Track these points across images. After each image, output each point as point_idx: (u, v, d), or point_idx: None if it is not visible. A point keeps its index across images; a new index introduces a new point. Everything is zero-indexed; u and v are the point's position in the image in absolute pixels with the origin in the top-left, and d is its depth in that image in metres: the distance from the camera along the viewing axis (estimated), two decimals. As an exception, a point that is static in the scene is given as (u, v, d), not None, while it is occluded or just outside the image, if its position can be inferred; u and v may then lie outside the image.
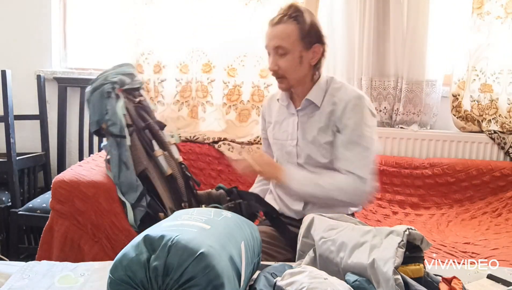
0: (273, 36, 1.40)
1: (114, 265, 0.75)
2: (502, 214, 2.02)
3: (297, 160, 1.50)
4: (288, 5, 1.41)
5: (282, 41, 1.38)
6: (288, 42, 1.38)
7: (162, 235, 0.75)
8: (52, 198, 1.48)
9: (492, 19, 2.18)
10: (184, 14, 2.23)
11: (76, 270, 1.06)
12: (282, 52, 1.39)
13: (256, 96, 2.30)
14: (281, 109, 1.57)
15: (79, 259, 1.42)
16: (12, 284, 0.98)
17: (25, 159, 2.21)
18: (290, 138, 1.51)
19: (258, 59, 2.26)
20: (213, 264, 0.73)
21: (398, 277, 0.81)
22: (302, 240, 1.11)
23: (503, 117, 2.24)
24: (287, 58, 1.40)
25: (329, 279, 0.80)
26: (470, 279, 1.08)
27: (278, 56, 1.40)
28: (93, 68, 2.43)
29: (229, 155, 2.18)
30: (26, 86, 2.41)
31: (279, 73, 1.42)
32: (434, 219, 2.02)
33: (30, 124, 2.41)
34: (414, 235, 0.90)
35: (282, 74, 1.42)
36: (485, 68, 2.24)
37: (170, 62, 2.29)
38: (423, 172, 2.13)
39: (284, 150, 1.53)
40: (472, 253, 1.63)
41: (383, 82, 2.24)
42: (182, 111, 2.34)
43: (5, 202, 2.12)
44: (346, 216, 1.14)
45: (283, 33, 1.38)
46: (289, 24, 1.38)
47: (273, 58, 1.41)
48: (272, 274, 0.94)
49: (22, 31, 2.42)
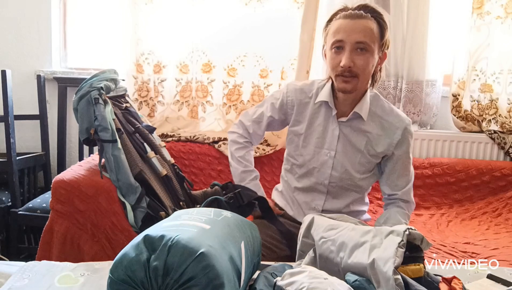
0: (357, 30, 1.28)
1: (114, 265, 0.75)
2: (502, 214, 2.02)
3: (331, 171, 1.44)
4: (363, 4, 1.32)
5: (365, 37, 1.28)
6: (370, 39, 1.29)
7: (162, 235, 0.75)
8: (52, 198, 1.48)
9: (492, 19, 2.18)
10: (184, 14, 2.23)
11: (76, 270, 1.06)
12: (362, 48, 1.29)
13: (256, 96, 2.30)
14: (318, 110, 1.46)
15: (79, 259, 1.42)
16: (12, 284, 0.98)
17: (25, 159, 2.21)
18: (327, 147, 1.44)
19: (258, 59, 2.26)
20: (213, 264, 0.73)
21: (398, 277, 0.81)
22: (302, 240, 1.11)
23: (503, 117, 2.24)
24: (366, 56, 1.30)
25: (329, 279, 0.80)
26: (470, 279, 1.08)
27: (355, 53, 1.29)
28: (93, 68, 2.43)
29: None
30: (26, 86, 2.41)
31: (353, 70, 1.30)
32: (434, 219, 2.02)
33: (30, 124, 2.41)
34: (414, 235, 0.90)
35: (356, 73, 1.31)
36: (485, 68, 2.24)
37: (170, 62, 2.29)
38: (423, 172, 2.13)
39: (318, 157, 1.45)
40: (472, 253, 1.63)
41: (383, 82, 2.24)
42: (182, 111, 2.34)
43: (5, 202, 2.12)
44: (346, 216, 1.14)
45: (367, 29, 1.29)
46: (370, 22, 1.30)
47: (350, 53, 1.29)
48: (272, 274, 0.94)
49: (22, 31, 2.42)
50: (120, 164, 1.52)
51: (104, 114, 1.52)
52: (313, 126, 1.46)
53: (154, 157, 1.66)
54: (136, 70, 2.26)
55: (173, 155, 1.99)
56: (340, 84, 1.33)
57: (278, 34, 2.21)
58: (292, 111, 1.50)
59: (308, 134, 1.47)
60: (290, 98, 1.51)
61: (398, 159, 1.43)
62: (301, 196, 1.51)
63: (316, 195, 1.48)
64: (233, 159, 1.61)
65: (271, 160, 1.85)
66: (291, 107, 1.50)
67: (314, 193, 1.48)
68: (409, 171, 1.46)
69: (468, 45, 2.21)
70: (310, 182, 1.47)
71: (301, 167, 1.49)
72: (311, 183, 1.47)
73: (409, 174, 1.46)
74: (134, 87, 2.27)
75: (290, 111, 1.51)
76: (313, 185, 1.47)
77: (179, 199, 1.68)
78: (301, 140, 1.48)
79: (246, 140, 1.61)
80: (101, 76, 1.63)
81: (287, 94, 1.52)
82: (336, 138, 1.43)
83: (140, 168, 1.57)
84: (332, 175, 1.44)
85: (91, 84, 1.56)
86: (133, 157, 1.58)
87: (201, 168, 2.16)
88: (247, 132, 1.61)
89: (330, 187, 1.46)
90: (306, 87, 1.50)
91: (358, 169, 1.44)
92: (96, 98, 1.53)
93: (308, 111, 1.48)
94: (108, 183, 1.53)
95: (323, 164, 1.45)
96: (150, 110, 2.30)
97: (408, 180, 1.46)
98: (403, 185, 1.45)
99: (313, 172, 1.46)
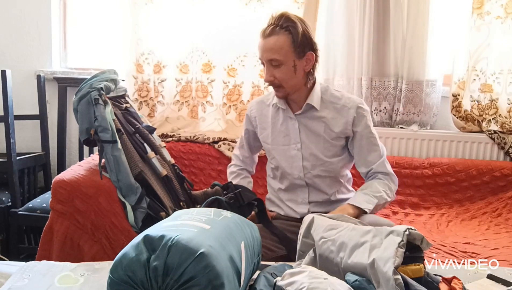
0: (266, 49, 1.42)
1: (114, 265, 0.75)
2: (502, 214, 2.02)
3: (302, 162, 1.54)
4: (279, 15, 1.42)
5: (275, 54, 1.41)
6: (281, 54, 1.41)
7: (162, 235, 0.75)
8: (52, 198, 1.48)
9: (492, 19, 2.18)
10: (184, 14, 2.23)
11: (76, 270, 1.06)
12: (276, 64, 1.42)
13: (256, 96, 2.29)
14: (277, 114, 1.59)
15: (79, 259, 1.42)
16: (12, 284, 0.98)
17: (25, 159, 2.21)
18: (293, 142, 1.55)
19: (258, 59, 2.25)
20: (213, 264, 0.73)
21: (398, 277, 0.81)
22: (302, 240, 1.11)
23: (503, 117, 2.24)
24: (282, 69, 1.43)
25: (329, 279, 0.80)
26: (470, 279, 1.08)
27: (272, 68, 1.44)
28: (93, 68, 2.43)
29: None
30: (26, 86, 2.41)
31: (275, 83, 1.46)
32: (434, 219, 2.02)
33: (30, 124, 2.41)
34: (414, 235, 0.90)
35: (279, 84, 1.46)
36: (485, 68, 2.24)
37: (170, 62, 2.29)
38: (423, 172, 2.13)
39: (288, 154, 1.56)
40: (472, 253, 1.63)
41: (383, 82, 2.24)
42: (182, 111, 2.34)
43: (5, 202, 2.12)
44: (346, 216, 1.14)
45: (276, 46, 1.41)
46: (281, 35, 1.41)
47: (268, 69, 1.45)
48: (272, 274, 0.94)
49: (22, 31, 2.42)
50: (120, 164, 1.52)
51: (104, 115, 1.53)
52: (277, 127, 1.58)
53: (154, 158, 1.66)
54: (136, 70, 2.26)
55: (173, 155, 1.99)
56: (275, 93, 1.52)
57: (278, 34, 2.21)
58: (255, 122, 1.65)
59: (275, 136, 1.59)
60: (252, 111, 1.67)
61: (361, 136, 1.51)
62: (286, 195, 1.60)
63: (299, 191, 1.58)
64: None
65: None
66: (254, 119, 1.66)
67: (296, 189, 1.58)
68: (378, 146, 1.53)
69: (468, 45, 2.21)
70: (289, 180, 1.57)
71: (277, 169, 1.60)
72: (290, 181, 1.57)
73: (379, 149, 1.53)
74: (134, 87, 2.27)
75: (254, 123, 1.66)
76: (293, 182, 1.57)
77: (179, 199, 1.68)
78: (270, 144, 1.60)
79: (239, 167, 1.77)
80: (101, 77, 1.64)
81: (250, 108, 1.69)
82: (297, 131, 1.54)
83: (140, 168, 1.57)
84: (305, 167, 1.54)
85: (91, 85, 1.56)
86: (133, 157, 1.58)
87: (201, 168, 2.16)
88: (240, 160, 1.77)
89: (307, 179, 1.55)
90: (265, 98, 1.66)
91: (325, 153, 1.53)
92: (96, 98, 1.53)
93: (269, 117, 1.61)
94: (108, 183, 1.53)
95: (293, 158, 1.55)
96: (150, 110, 2.30)
97: (380, 154, 1.52)
98: (375, 160, 1.51)
99: (288, 170, 1.56)
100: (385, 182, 1.50)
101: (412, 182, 2.13)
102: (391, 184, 1.51)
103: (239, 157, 1.77)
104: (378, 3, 2.14)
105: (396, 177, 1.55)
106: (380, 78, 2.24)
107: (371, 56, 2.18)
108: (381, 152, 1.53)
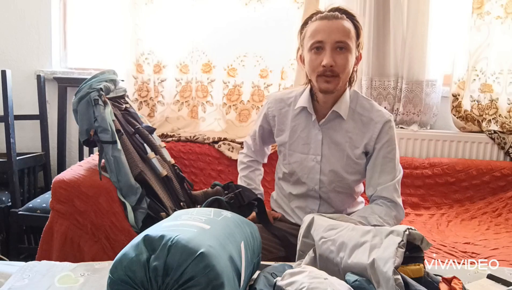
0: (334, 30, 1.30)
1: (114, 265, 0.75)
2: (502, 214, 2.02)
3: (319, 176, 1.43)
4: (337, 6, 1.35)
5: (344, 36, 1.30)
6: (349, 38, 1.31)
7: (162, 235, 0.75)
8: (52, 198, 1.48)
9: (492, 19, 2.18)
10: (184, 14, 2.23)
11: (76, 270, 1.06)
12: (342, 47, 1.30)
13: (256, 96, 2.30)
14: (298, 117, 1.47)
15: (79, 259, 1.42)
16: (12, 284, 0.98)
17: (25, 159, 2.21)
18: (313, 153, 1.44)
19: (258, 59, 2.27)
20: (213, 264, 0.73)
21: (398, 277, 0.81)
22: (302, 240, 1.11)
23: (503, 117, 2.24)
24: (346, 55, 1.31)
25: (329, 279, 0.80)
26: (470, 279, 1.08)
27: (336, 53, 1.30)
28: (93, 68, 2.43)
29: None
30: (26, 86, 2.41)
31: (335, 70, 1.31)
32: (434, 219, 2.02)
33: (30, 124, 2.41)
34: (414, 235, 0.90)
35: (337, 72, 1.31)
36: (485, 68, 2.24)
37: (170, 62, 2.29)
38: (423, 172, 2.13)
39: (305, 163, 1.45)
40: (472, 253, 1.63)
41: (383, 82, 2.24)
42: (182, 111, 2.34)
43: (5, 202, 2.12)
44: (346, 216, 1.14)
45: (345, 29, 1.31)
46: (347, 22, 1.32)
47: (331, 52, 1.29)
48: (272, 274, 0.94)
49: (22, 31, 2.42)
50: (120, 165, 1.52)
51: (103, 115, 1.52)
52: (297, 132, 1.46)
53: (154, 158, 1.66)
54: (136, 70, 2.26)
55: (173, 155, 1.99)
56: (322, 84, 1.33)
57: (278, 34, 2.21)
58: (274, 122, 1.53)
59: (293, 141, 1.47)
60: (270, 109, 1.53)
61: (378, 153, 1.39)
62: (296, 202, 1.51)
63: (310, 201, 1.48)
64: (239, 178, 1.67)
65: (271, 160, 1.85)
66: (272, 118, 1.53)
67: (308, 199, 1.49)
68: (394, 169, 1.38)
69: (468, 45, 2.21)
70: (303, 189, 1.48)
71: (291, 175, 1.49)
72: (304, 190, 1.48)
73: (394, 172, 1.38)
74: (134, 87, 2.27)
75: (272, 122, 1.54)
76: (306, 192, 1.47)
77: (180, 199, 1.68)
78: (287, 148, 1.49)
79: (250, 158, 1.67)
80: (100, 77, 1.63)
81: (268, 105, 1.55)
82: (320, 143, 1.42)
83: (140, 169, 1.57)
84: (321, 180, 1.43)
85: (91, 85, 1.56)
86: (133, 158, 1.58)
87: (201, 168, 2.16)
88: (251, 150, 1.67)
89: (321, 193, 1.45)
90: (285, 96, 1.52)
91: (346, 170, 1.42)
92: (96, 99, 1.53)
93: (289, 119, 1.49)
94: (108, 183, 1.53)
95: (311, 170, 1.44)
96: (150, 110, 2.30)
97: (392, 178, 1.37)
98: (385, 182, 1.37)
99: (303, 179, 1.46)
100: (385, 208, 1.35)
101: (412, 182, 2.13)
102: (393, 214, 1.35)
103: (251, 148, 1.65)
104: (378, 3, 2.14)
105: (402, 209, 1.39)
106: (380, 78, 2.24)
107: (371, 56, 2.18)
108: (395, 176, 1.38)
